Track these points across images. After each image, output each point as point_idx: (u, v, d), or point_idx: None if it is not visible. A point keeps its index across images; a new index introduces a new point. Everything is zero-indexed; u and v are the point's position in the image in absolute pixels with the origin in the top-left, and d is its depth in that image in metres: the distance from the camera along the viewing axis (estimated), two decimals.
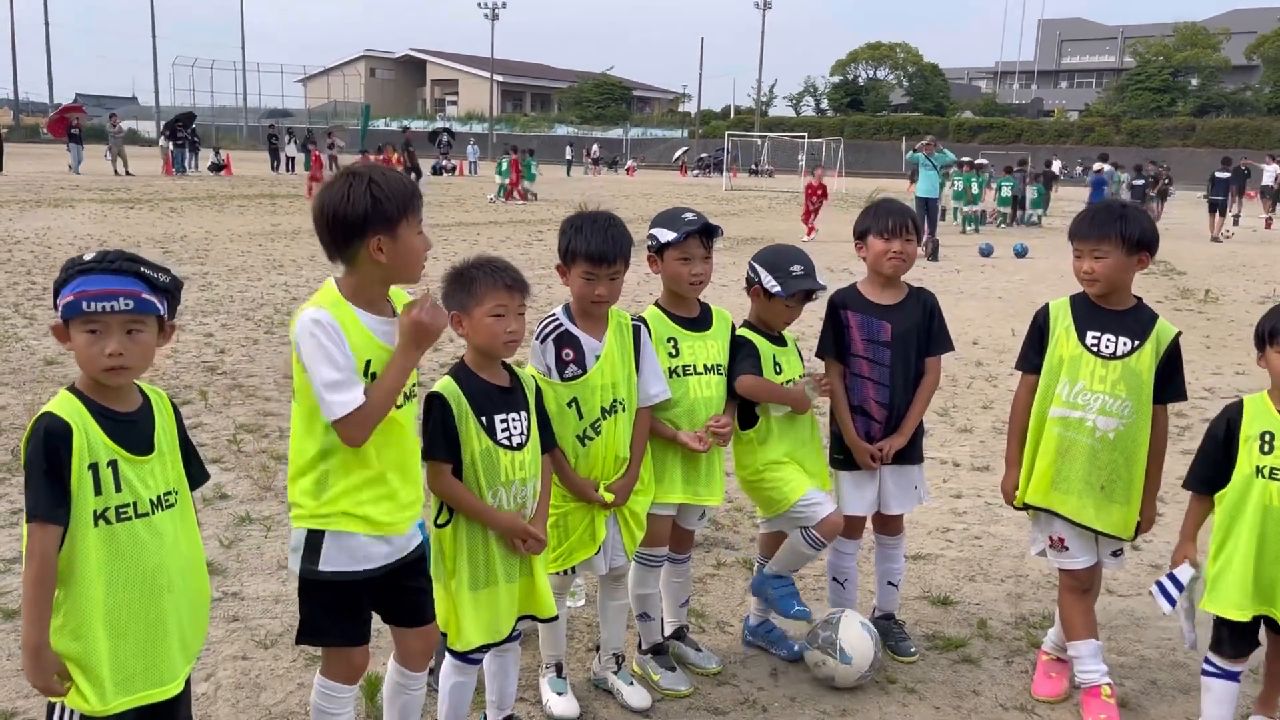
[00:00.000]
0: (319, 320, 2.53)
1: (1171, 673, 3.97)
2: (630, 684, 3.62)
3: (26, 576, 2.20)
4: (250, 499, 5.42)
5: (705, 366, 3.63)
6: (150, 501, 2.30)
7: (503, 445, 2.99)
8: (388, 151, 29.10)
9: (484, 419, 2.97)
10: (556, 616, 3.23)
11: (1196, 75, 74.27)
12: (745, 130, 64.52)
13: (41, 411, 2.24)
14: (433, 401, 2.94)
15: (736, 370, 3.69)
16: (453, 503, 2.98)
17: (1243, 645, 3.25)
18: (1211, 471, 3.24)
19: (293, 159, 42.11)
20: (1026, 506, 3.72)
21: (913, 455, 4.01)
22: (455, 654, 3.06)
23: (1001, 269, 17.54)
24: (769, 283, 3.72)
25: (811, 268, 3.78)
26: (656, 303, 3.70)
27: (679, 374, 3.58)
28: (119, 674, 2.26)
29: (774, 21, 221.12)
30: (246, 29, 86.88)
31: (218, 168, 38.30)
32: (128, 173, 35.23)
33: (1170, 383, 3.53)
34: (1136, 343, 3.49)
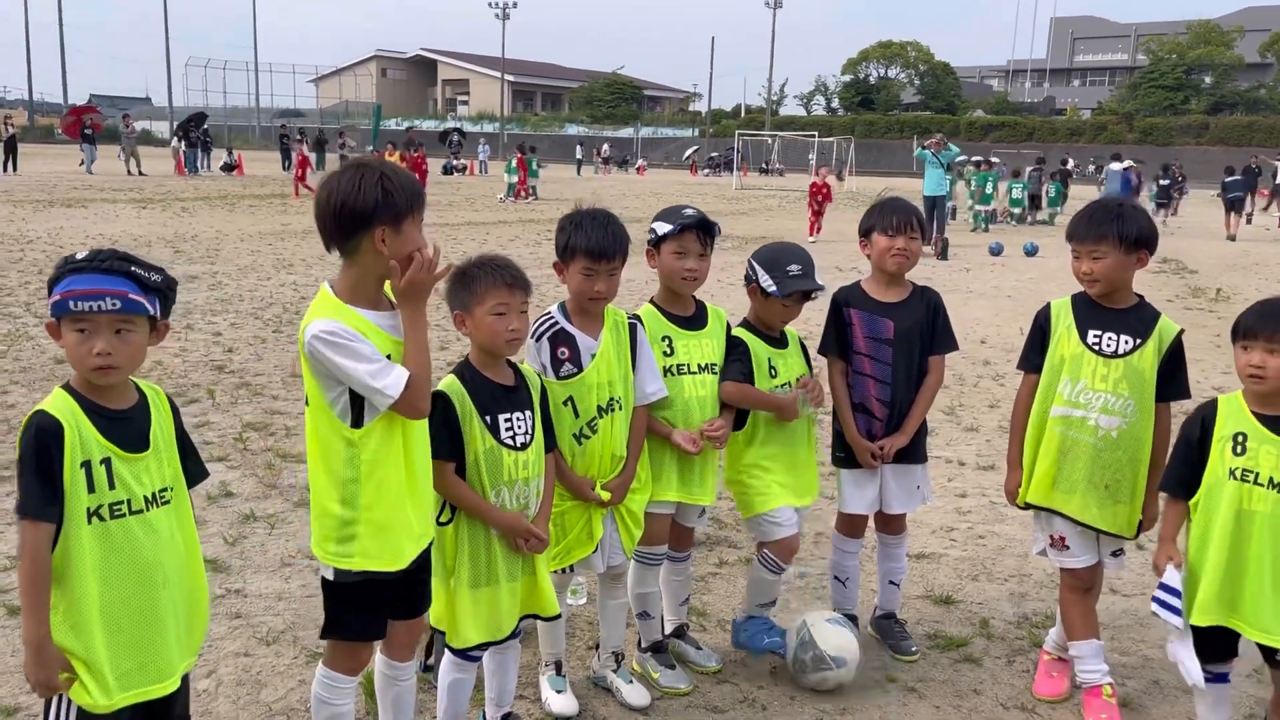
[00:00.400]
0: (331, 328, 2.53)
1: (1174, 672, 3.89)
2: (630, 682, 3.62)
3: (21, 574, 2.22)
4: (255, 497, 5.44)
5: (700, 365, 3.61)
6: (145, 498, 2.30)
7: (506, 445, 2.99)
8: (389, 151, 29.12)
9: (488, 418, 2.98)
10: (560, 615, 3.24)
11: (1210, 73, 73.89)
12: (756, 129, 64.46)
13: (34, 409, 2.25)
14: (437, 400, 2.93)
15: (724, 374, 3.66)
16: (455, 501, 2.98)
17: (1213, 652, 3.17)
18: (1186, 473, 3.18)
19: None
20: (1028, 506, 3.70)
21: (915, 455, 3.99)
22: (454, 651, 3.07)
23: (1012, 268, 17.48)
24: (765, 282, 3.68)
25: (810, 267, 3.72)
26: (652, 300, 3.69)
27: (673, 373, 3.56)
28: (118, 669, 2.27)
29: (785, 20, 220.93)
30: (259, 29, 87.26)
31: (230, 168, 38.46)
32: (140, 173, 35.43)
33: (1173, 381, 3.51)
34: (1138, 341, 3.47)
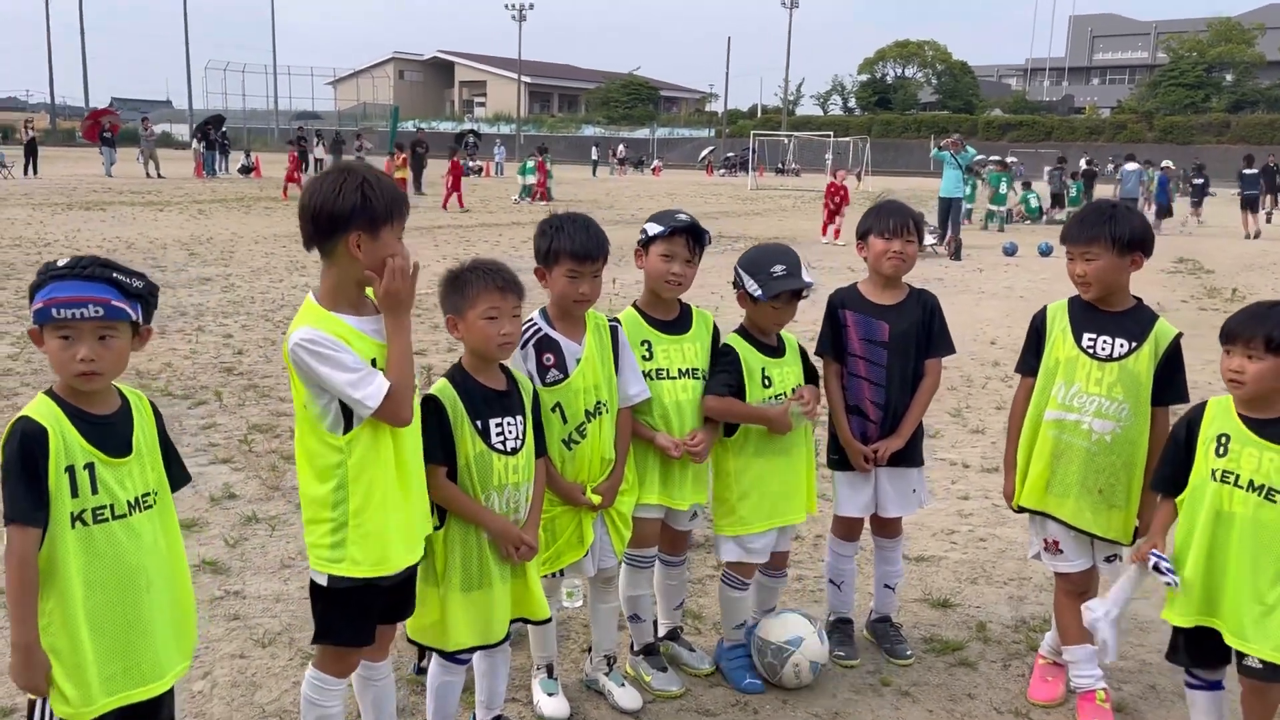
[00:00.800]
0: (313, 337, 2.55)
1: (1172, 677, 3.91)
2: (622, 685, 3.62)
3: (8, 579, 2.23)
4: (258, 499, 5.48)
5: (680, 370, 3.58)
6: (128, 503, 2.32)
7: (497, 449, 3.00)
8: (395, 155, 29.18)
9: (479, 423, 2.98)
10: (550, 619, 3.24)
11: (1231, 71, 73.30)
12: (772, 129, 64.35)
13: (18, 415, 2.27)
14: (429, 404, 2.95)
15: (707, 387, 3.61)
16: (447, 505, 2.99)
17: (1200, 654, 3.13)
18: (1172, 471, 3.17)
19: (320, 160, 42.44)
20: (1023, 510, 3.69)
21: (911, 458, 3.97)
22: (443, 654, 3.08)
23: (1025, 268, 17.38)
24: (750, 286, 3.61)
25: (796, 266, 3.62)
26: (635, 304, 3.68)
27: (651, 378, 3.54)
28: (103, 673, 2.29)
29: (801, 20, 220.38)
30: (277, 32, 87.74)
31: (247, 170, 38.71)
32: (159, 175, 35.71)
33: (1170, 384, 3.47)
34: (1134, 344, 3.44)
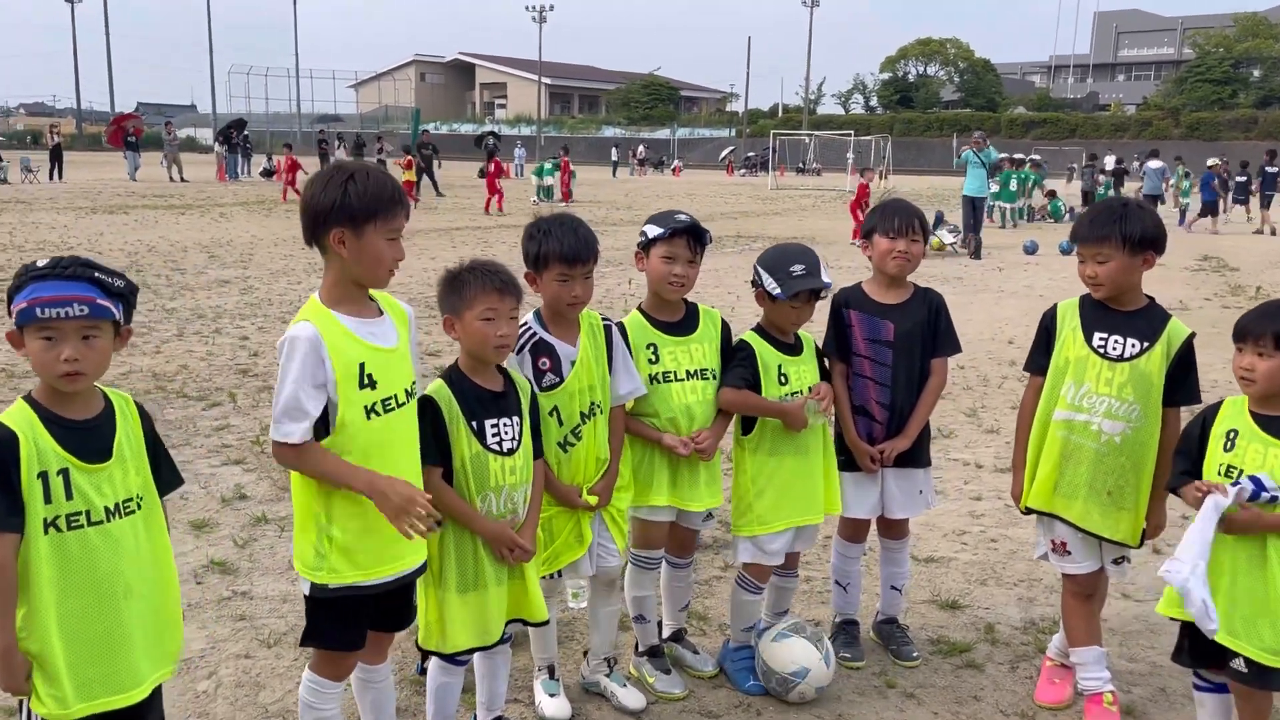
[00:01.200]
0: (298, 339, 2.58)
1: (1182, 679, 3.85)
2: (624, 685, 3.61)
3: None
4: (269, 499, 5.51)
5: (689, 372, 3.56)
6: (105, 509, 2.28)
7: (492, 450, 2.99)
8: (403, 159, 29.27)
9: (474, 424, 2.98)
10: (547, 621, 3.23)
11: (1258, 66, 72.48)
12: (793, 129, 64.17)
13: None
14: (424, 405, 2.94)
15: (723, 380, 3.61)
16: (441, 507, 2.96)
17: (1203, 655, 3.06)
18: (1191, 468, 3.13)
19: None
20: (1030, 511, 3.64)
21: (918, 459, 3.93)
22: (442, 656, 3.08)
23: (1046, 266, 17.23)
24: (769, 284, 3.61)
25: (815, 266, 3.62)
26: (639, 307, 3.66)
27: (659, 380, 3.52)
28: (77, 679, 2.26)
29: (822, 19, 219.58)
30: (300, 36, 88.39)
31: (269, 173, 38.97)
32: (182, 179, 36.03)
33: (1182, 385, 3.42)
34: (1146, 344, 3.39)
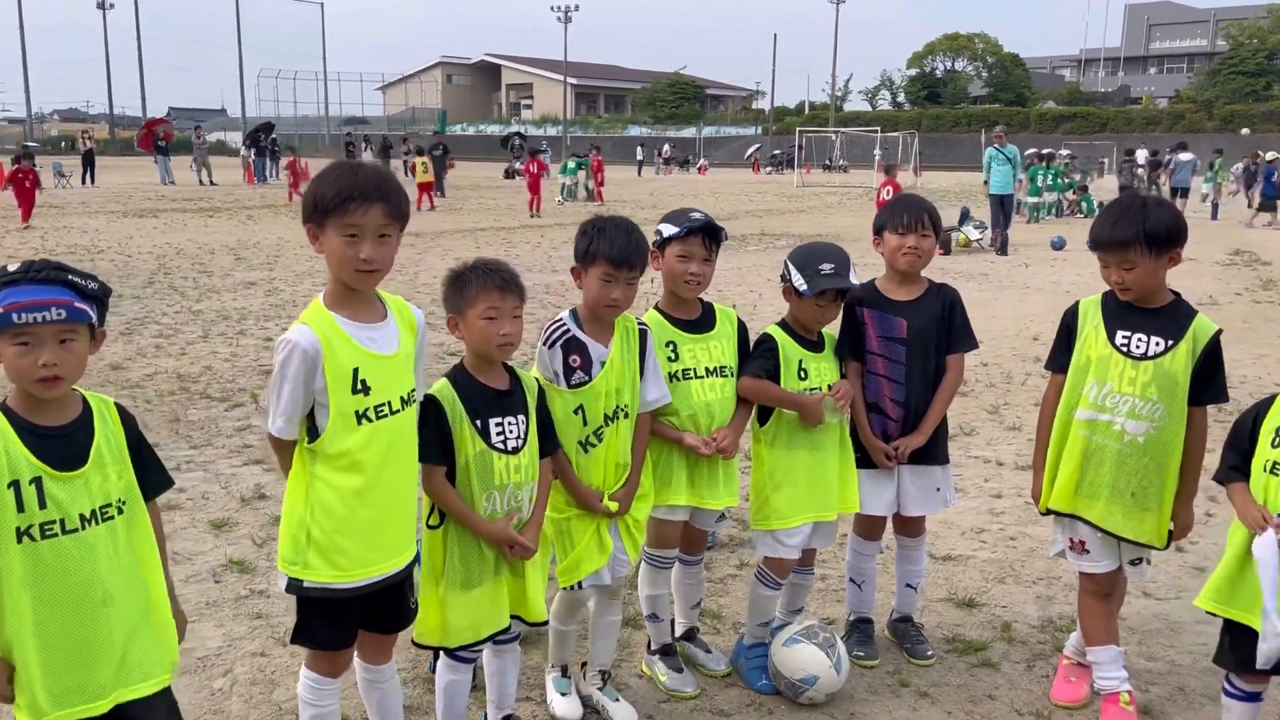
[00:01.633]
0: (291, 342, 2.61)
1: (1202, 679, 3.81)
2: (616, 700, 3.56)
3: None
4: None
5: (708, 369, 3.55)
6: (80, 516, 2.24)
7: (497, 449, 2.98)
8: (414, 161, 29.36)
9: (478, 422, 2.97)
10: (545, 622, 3.22)
11: None
12: (820, 126, 63.91)
13: None
14: (428, 404, 2.95)
15: (744, 369, 3.62)
16: (443, 507, 2.99)
17: (1245, 660, 2.98)
18: (1240, 461, 3.07)
19: None
20: (1050, 512, 3.59)
21: (935, 456, 3.89)
22: (448, 652, 3.09)
23: (1073, 262, 17.05)
24: (797, 280, 3.60)
25: (845, 266, 3.61)
26: (656, 305, 3.65)
27: (679, 378, 3.51)
28: (54, 688, 2.23)
29: (848, 15, 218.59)
30: (327, 40, 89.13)
31: None
32: (212, 182, 36.42)
33: (1209, 384, 3.33)
34: (1170, 342, 3.31)
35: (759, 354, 3.64)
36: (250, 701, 3.60)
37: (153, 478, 2.46)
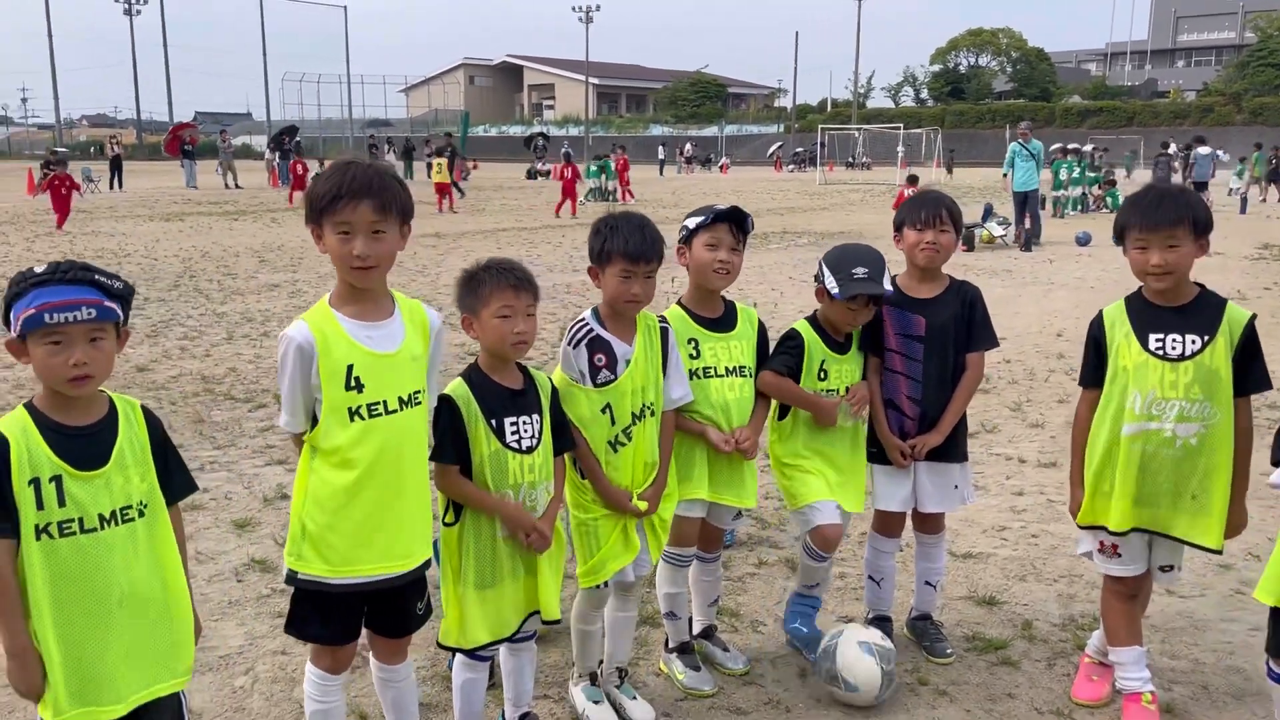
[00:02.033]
0: (287, 338, 2.66)
1: (1225, 677, 3.77)
2: (634, 698, 3.56)
3: None
4: None
5: (728, 369, 3.55)
6: (100, 516, 2.26)
7: (511, 448, 2.99)
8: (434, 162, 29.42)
9: (493, 422, 2.98)
10: (559, 620, 3.23)
11: None
12: (843, 123, 63.66)
13: None
14: (443, 404, 2.96)
15: (767, 363, 3.64)
16: (461, 499, 3.00)
17: None
18: None
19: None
20: (1093, 527, 3.46)
21: (953, 453, 3.86)
22: (464, 651, 3.10)
23: (1098, 258, 16.87)
24: (830, 283, 3.60)
25: (879, 270, 3.58)
26: (679, 301, 3.65)
27: (699, 376, 3.51)
28: (73, 686, 2.25)
29: (871, 11, 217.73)
30: (350, 43, 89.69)
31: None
32: (237, 186, 36.77)
33: (1250, 372, 3.25)
34: (1206, 338, 3.23)
35: (783, 350, 3.66)
36: (271, 699, 3.64)
37: (176, 481, 2.47)
